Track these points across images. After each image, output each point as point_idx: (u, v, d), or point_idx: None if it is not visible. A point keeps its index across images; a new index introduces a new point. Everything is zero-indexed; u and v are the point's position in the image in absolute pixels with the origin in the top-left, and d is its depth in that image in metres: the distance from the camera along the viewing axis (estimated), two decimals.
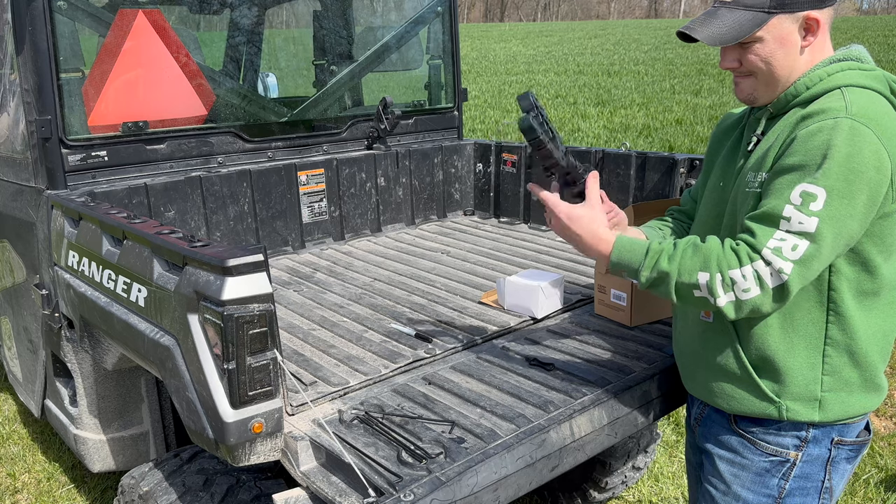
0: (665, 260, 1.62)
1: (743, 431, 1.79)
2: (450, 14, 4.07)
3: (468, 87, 17.08)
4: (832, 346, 1.67)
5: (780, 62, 1.64)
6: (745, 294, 1.55)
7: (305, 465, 1.78)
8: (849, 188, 1.50)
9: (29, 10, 2.74)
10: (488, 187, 4.09)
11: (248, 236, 3.42)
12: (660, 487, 3.50)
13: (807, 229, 1.50)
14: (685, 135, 11.76)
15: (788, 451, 1.75)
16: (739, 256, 1.55)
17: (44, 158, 2.85)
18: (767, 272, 1.52)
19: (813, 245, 1.51)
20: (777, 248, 1.51)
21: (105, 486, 3.55)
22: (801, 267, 1.52)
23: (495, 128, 13.19)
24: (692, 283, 1.58)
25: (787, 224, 1.52)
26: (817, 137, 1.52)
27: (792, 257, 1.51)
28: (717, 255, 1.57)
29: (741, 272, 1.54)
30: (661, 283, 1.64)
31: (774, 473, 1.76)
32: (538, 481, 1.81)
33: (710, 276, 1.56)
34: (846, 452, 1.76)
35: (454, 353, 2.33)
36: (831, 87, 1.62)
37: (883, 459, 3.58)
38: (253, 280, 1.71)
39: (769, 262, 1.52)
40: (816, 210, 1.50)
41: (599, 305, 2.59)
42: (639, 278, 1.67)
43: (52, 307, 2.75)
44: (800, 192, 1.51)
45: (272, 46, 4.44)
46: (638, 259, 1.67)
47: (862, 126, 1.51)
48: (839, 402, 1.70)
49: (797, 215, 1.51)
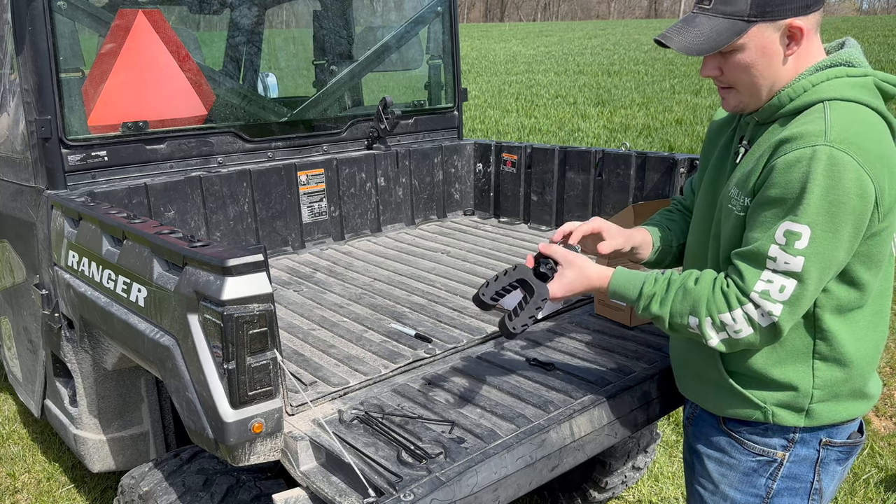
0: (657, 304, 1.67)
1: (731, 431, 1.79)
2: (450, 14, 4.07)
3: (468, 87, 17.08)
4: (821, 360, 1.66)
5: (762, 72, 1.59)
6: (738, 334, 1.58)
7: (305, 465, 1.78)
8: (832, 221, 1.47)
9: (29, 10, 2.74)
10: (488, 187, 4.09)
11: (248, 236, 3.42)
12: (660, 487, 3.50)
13: (793, 269, 1.50)
14: (685, 135, 11.76)
15: (776, 450, 1.74)
16: (728, 301, 1.57)
17: (44, 158, 2.85)
18: (757, 314, 1.54)
19: (800, 285, 1.51)
20: (765, 291, 1.52)
21: (105, 486, 3.55)
22: (789, 307, 1.53)
23: (496, 127, 13.20)
24: (684, 324, 1.64)
25: (773, 264, 1.51)
26: (796, 169, 1.48)
27: (780, 298, 1.52)
28: (707, 298, 1.59)
29: (731, 315, 1.56)
30: (656, 321, 1.70)
31: (762, 473, 1.76)
32: (538, 481, 1.81)
33: (700, 320, 1.60)
34: (836, 454, 1.75)
35: (454, 353, 2.33)
36: (815, 101, 1.56)
37: (883, 459, 3.58)
38: (253, 280, 1.71)
39: (758, 305, 1.54)
40: (801, 248, 1.48)
41: (599, 305, 2.59)
42: (638, 310, 1.73)
43: (52, 307, 2.75)
44: (783, 231, 1.49)
45: (272, 46, 4.44)
46: (632, 297, 1.73)
47: (841, 154, 1.45)
48: (827, 410, 1.69)
49: (782, 255, 1.50)
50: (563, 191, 3.70)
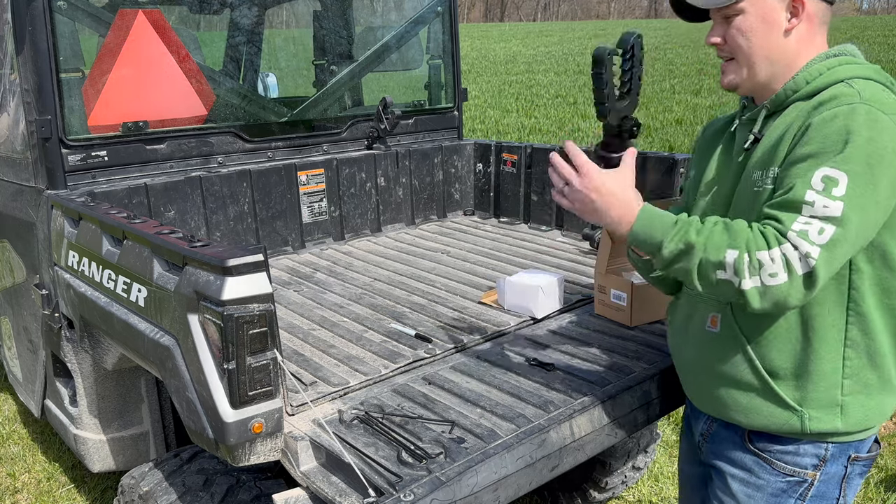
0: (693, 232, 1.53)
1: (759, 450, 1.73)
2: (450, 14, 4.07)
3: (468, 87, 17.03)
4: (852, 348, 1.62)
5: (760, 41, 1.61)
6: (772, 279, 1.46)
7: (305, 465, 1.78)
8: (871, 173, 1.45)
9: (29, 10, 2.74)
10: (488, 187, 4.09)
11: (248, 236, 3.42)
12: (660, 487, 3.50)
13: (832, 213, 1.44)
14: (685, 135, 11.75)
15: (807, 470, 1.69)
16: (767, 238, 1.47)
17: (44, 158, 2.85)
18: (795, 256, 1.44)
19: (839, 230, 1.44)
20: (803, 231, 1.44)
21: (105, 486, 3.55)
22: (827, 252, 1.44)
23: (496, 127, 13.19)
24: (717, 262, 1.49)
25: (810, 209, 1.45)
26: (834, 122, 1.48)
27: (819, 241, 1.44)
28: (747, 235, 1.49)
29: (769, 254, 1.45)
30: (683, 257, 1.54)
31: (791, 494, 1.71)
32: (538, 481, 1.81)
33: (739, 254, 1.47)
34: (860, 468, 1.73)
35: (454, 353, 2.33)
36: (833, 81, 1.58)
37: (883, 459, 3.58)
38: (253, 280, 1.72)
39: (796, 245, 1.44)
40: (839, 195, 1.44)
41: (599, 305, 2.59)
42: (660, 251, 1.56)
43: (52, 307, 2.75)
44: (821, 176, 1.45)
45: (272, 46, 4.44)
46: (664, 229, 1.56)
47: (879, 112, 1.47)
48: (859, 406, 1.65)
49: (820, 199, 1.44)
50: None
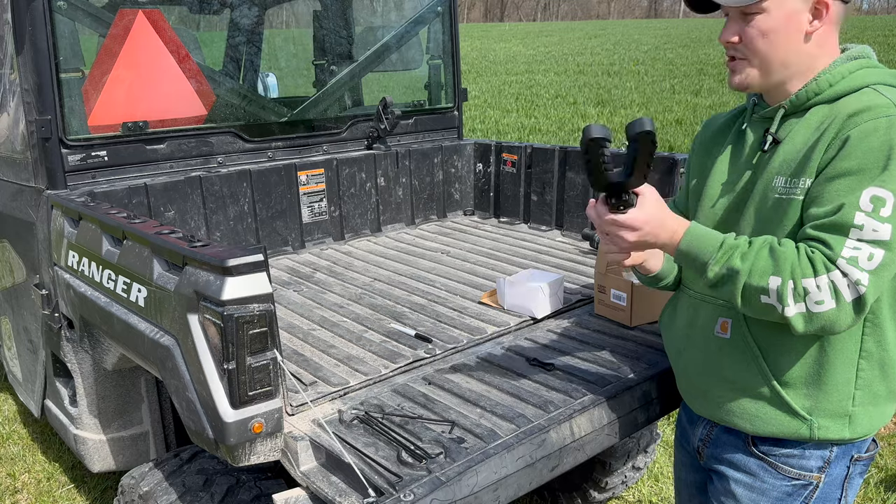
0: (738, 257, 1.51)
1: (763, 454, 1.71)
2: (450, 14, 4.07)
3: (468, 87, 17.04)
4: (866, 360, 1.61)
5: (780, 43, 1.56)
6: (819, 307, 1.44)
7: (305, 465, 1.78)
8: None
9: (29, 10, 2.74)
10: (488, 187, 4.09)
11: (248, 236, 3.42)
12: (660, 487, 3.50)
13: (881, 237, 1.42)
14: (685, 135, 11.76)
15: (812, 473, 1.68)
16: (815, 265, 1.44)
17: (44, 158, 2.85)
18: (844, 283, 1.42)
19: (888, 254, 1.42)
20: (853, 257, 1.42)
21: (105, 486, 3.55)
22: (875, 277, 1.43)
23: (496, 127, 13.19)
24: (761, 287, 1.48)
25: (858, 232, 1.43)
26: (874, 138, 1.45)
27: (868, 267, 1.42)
28: (792, 261, 1.46)
29: (816, 282, 1.43)
30: (728, 281, 1.52)
31: (796, 497, 1.70)
32: (538, 481, 1.81)
33: (783, 281, 1.45)
34: (861, 467, 1.73)
35: (454, 353, 2.33)
36: (857, 86, 1.55)
37: (883, 459, 3.58)
38: (253, 280, 1.72)
39: (846, 272, 1.42)
40: (887, 215, 1.42)
41: (599, 305, 2.59)
42: (705, 272, 1.55)
43: (52, 307, 2.75)
44: (869, 196, 1.42)
45: (272, 46, 4.44)
46: (710, 251, 1.54)
47: None
48: (867, 416, 1.64)
49: (870, 223, 1.42)
50: (563, 191, 3.70)
